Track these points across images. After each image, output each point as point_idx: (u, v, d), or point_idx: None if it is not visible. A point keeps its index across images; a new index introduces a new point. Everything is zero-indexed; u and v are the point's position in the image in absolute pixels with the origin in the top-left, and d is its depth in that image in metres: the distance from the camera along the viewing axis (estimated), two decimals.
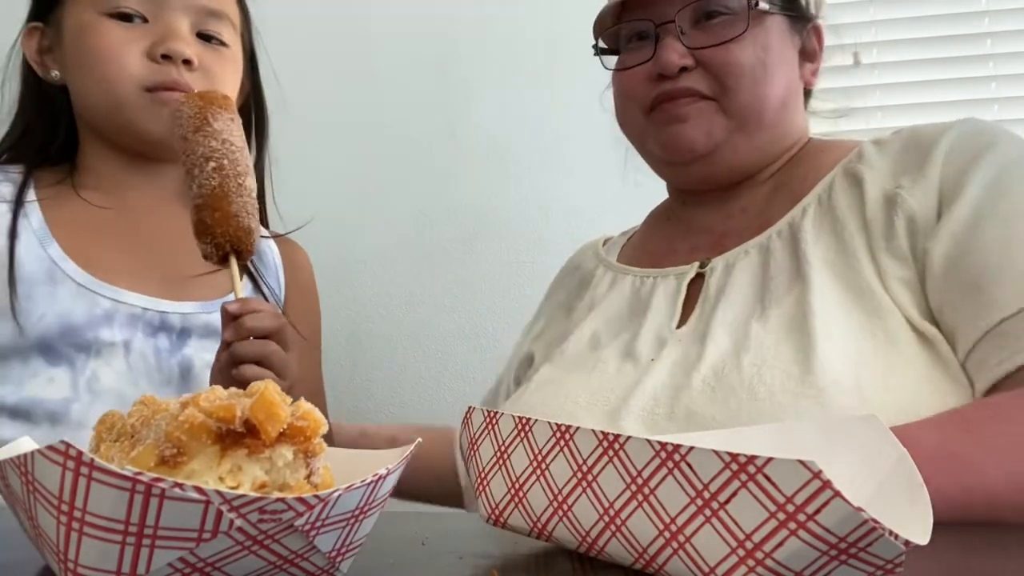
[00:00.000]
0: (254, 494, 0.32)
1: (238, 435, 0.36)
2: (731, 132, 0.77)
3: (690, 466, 0.34)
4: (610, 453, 0.37)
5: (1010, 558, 0.45)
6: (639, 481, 0.36)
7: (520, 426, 0.42)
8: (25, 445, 0.43)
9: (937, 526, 0.36)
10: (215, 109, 0.70)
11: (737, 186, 0.82)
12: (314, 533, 0.34)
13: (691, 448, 0.34)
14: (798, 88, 0.81)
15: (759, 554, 0.32)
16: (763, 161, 0.81)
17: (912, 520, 0.36)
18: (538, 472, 0.41)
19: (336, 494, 0.34)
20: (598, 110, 0.90)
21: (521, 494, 0.42)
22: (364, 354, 1.33)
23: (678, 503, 0.35)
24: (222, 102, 0.71)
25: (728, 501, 0.33)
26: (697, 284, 0.78)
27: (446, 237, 1.35)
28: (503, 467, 0.43)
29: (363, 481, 0.35)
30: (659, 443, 0.35)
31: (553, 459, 0.40)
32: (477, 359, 1.34)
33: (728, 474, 0.33)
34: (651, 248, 0.88)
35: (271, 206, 0.99)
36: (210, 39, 0.88)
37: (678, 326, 0.75)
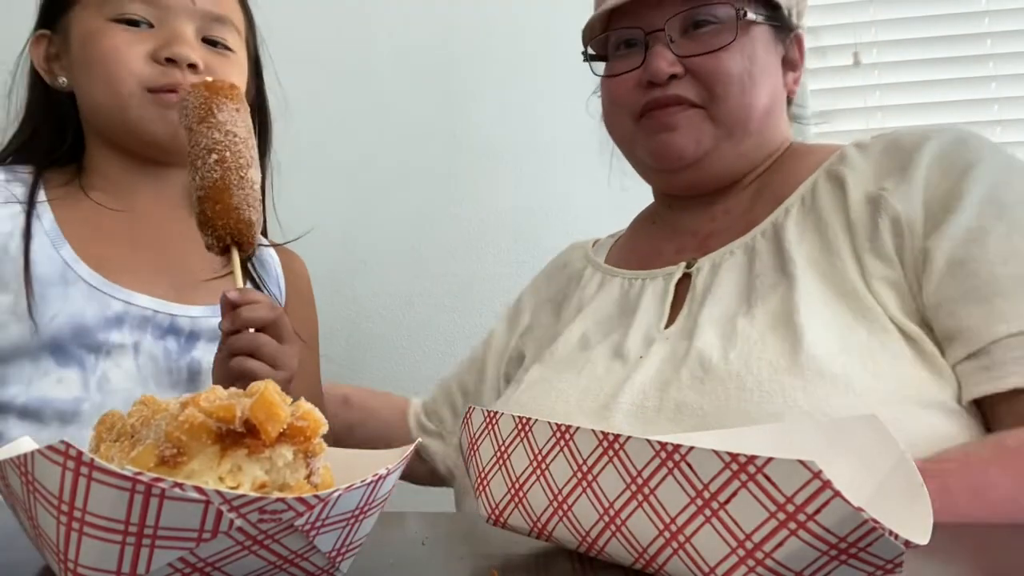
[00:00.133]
0: (254, 494, 0.32)
1: (238, 435, 0.36)
2: (719, 140, 0.79)
3: (690, 466, 0.34)
4: (610, 453, 0.37)
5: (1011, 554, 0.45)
6: (639, 481, 0.36)
7: (520, 426, 0.42)
8: (25, 445, 0.43)
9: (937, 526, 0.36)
10: (220, 99, 0.70)
11: (722, 190, 0.84)
12: (314, 533, 0.34)
13: (691, 448, 0.34)
14: (782, 96, 0.83)
15: (759, 554, 0.32)
16: (748, 167, 0.83)
17: (912, 520, 0.36)
18: (538, 472, 0.41)
19: (336, 494, 0.34)
20: (598, 111, 0.90)
21: (521, 494, 0.42)
22: (364, 354, 1.33)
23: (678, 503, 0.35)
24: (228, 92, 0.71)
25: (728, 501, 0.33)
26: (684, 284, 0.79)
27: (446, 237, 1.35)
28: (503, 467, 0.43)
29: (363, 481, 0.35)
30: (659, 443, 0.35)
31: (553, 459, 0.40)
32: None
33: (728, 474, 0.33)
34: (638, 250, 0.90)
35: (271, 211, 0.99)
36: (215, 44, 0.88)
37: (666, 326, 0.76)
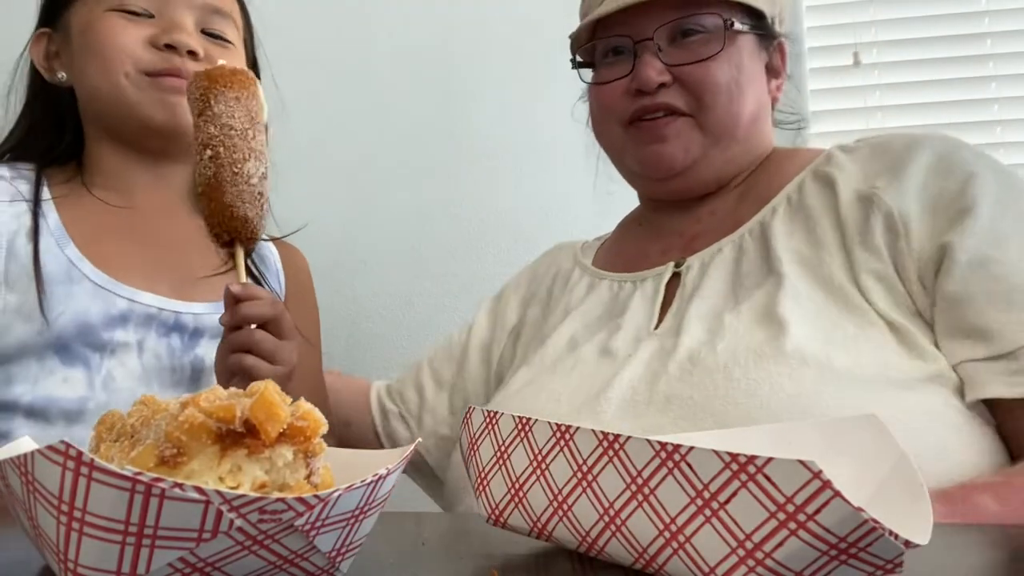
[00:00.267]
0: (254, 494, 0.32)
1: (238, 435, 0.36)
2: (707, 148, 0.80)
3: (690, 466, 0.34)
4: (610, 453, 0.37)
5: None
6: (639, 481, 0.36)
7: (520, 426, 0.42)
8: (25, 445, 0.43)
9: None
10: (218, 89, 0.69)
11: (708, 194, 0.85)
12: (314, 533, 0.34)
13: (691, 448, 0.34)
14: (767, 102, 0.84)
15: (759, 554, 0.32)
16: (735, 172, 0.84)
17: (912, 520, 0.36)
18: (538, 472, 0.41)
19: (336, 494, 0.34)
20: (583, 116, 0.91)
21: (521, 494, 0.42)
22: (364, 354, 1.33)
23: (678, 503, 0.35)
24: (228, 79, 0.70)
25: (728, 501, 0.33)
26: (674, 284, 0.80)
27: (446, 237, 1.35)
28: (503, 467, 0.43)
29: (363, 481, 0.35)
30: (659, 443, 0.35)
31: (553, 459, 0.40)
32: None
33: (728, 474, 0.33)
34: (624, 253, 0.90)
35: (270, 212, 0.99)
36: (214, 37, 0.88)
37: (656, 327, 0.77)
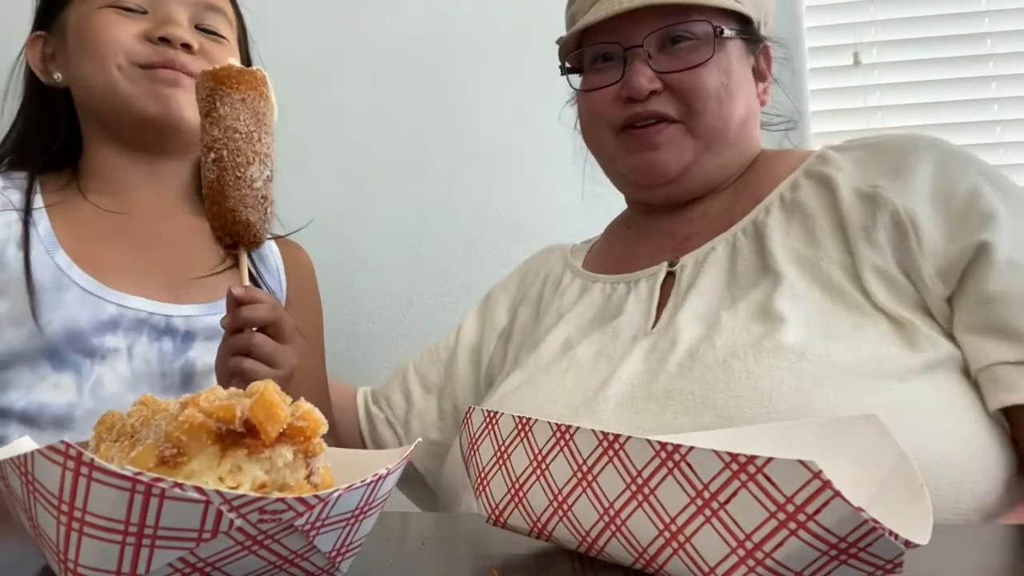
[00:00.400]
0: (254, 494, 0.32)
1: (238, 435, 0.36)
2: (698, 153, 0.80)
3: (690, 466, 0.34)
4: (610, 453, 0.37)
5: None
6: (639, 481, 0.36)
7: (520, 426, 0.42)
8: (25, 445, 0.43)
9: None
10: (224, 90, 0.69)
11: (698, 198, 0.85)
12: (314, 533, 0.34)
13: (691, 448, 0.34)
14: (755, 106, 0.85)
15: (759, 554, 0.32)
16: (725, 176, 0.84)
17: (912, 520, 0.36)
18: (538, 472, 0.41)
19: (336, 494, 0.34)
20: (571, 120, 0.90)
21: (521, 494, 0.42)
22: (364, 354, 1.33)
23: (678, 503, 0.35)
24: (235, 80, 0.70)
25: (728, 501, 0.33)
26: (668, 283, 0.80)
27: (446, 237, 1.34)
28: (503, 467, 0.43)
29: (363, 481, 0.35)
30: (659, 443, 0.35)
31: (553, 459, 0.40)
32: None
33: (728, 474, 0.33)
34: (614, 255, 0.90)
35: None
36: (208, 32, 0.89)
37: (652, 326, 0.76)
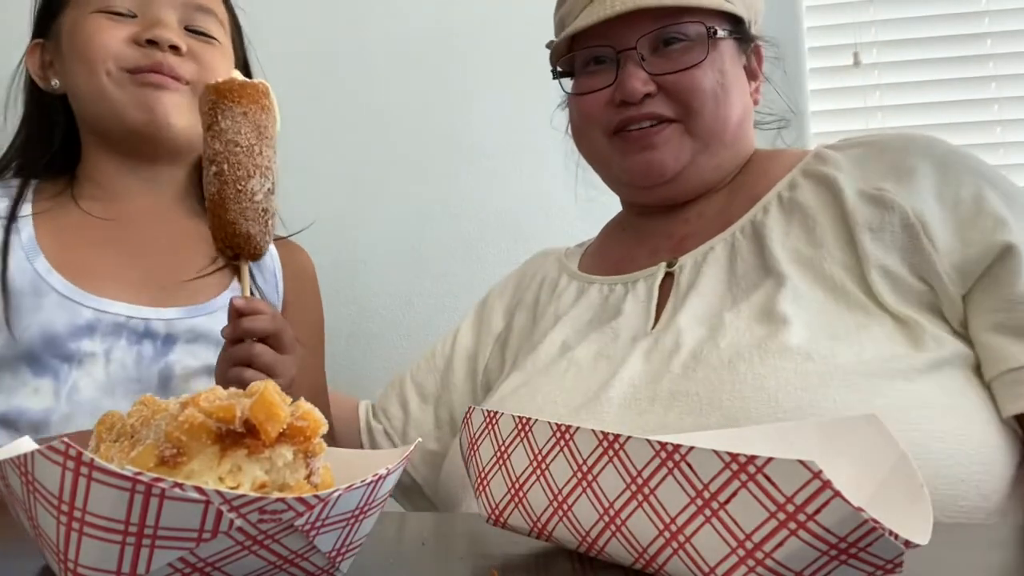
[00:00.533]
0: (254, 494, 0.32)
1: (238, 435, 0.36)
2: (696, 153, 0.80)
3: (690, 466, 0.34)
4: (610, 453, 0.37)
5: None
6: (639, 481, 0.36)
7: (520, 426, 0.42)
8: (25, 445, 0.43)
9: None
10: (225, 104, 0.70)
11: (693, 199, 0.84)
12: (314, 533, 0.34)
13: (691, 448, 0.34)
14: (750, 105, 0.85)
15: (759, 554, 0.32)
16: (722, 176, 0.84)
17: (912, 520, 0.36)
18: (538, 472, 0.41)
19: (336, 494, 0.34)
20: (562, 123, 0.90)
21: (521, 494, 0.42)
22: (364, 354, 1.33)
23: (678, 503, 0.35)
24: (237, 93, 0.70)
25: (728, 501, 0.33)
26: (667, 284, 0.79)
27: (446, 237, 1.34)
28: (503, 467, 0.43)
29: (363, 481, 0.35)
30: (659, 443, 0.35)
31: (553, 459, 0.40)
32: None
33: (728, 474, 0.33)
34: (610, 257, 0.89)
35: None
36: (198, 34, 0.89)
37: (652, 327, 0.76)
